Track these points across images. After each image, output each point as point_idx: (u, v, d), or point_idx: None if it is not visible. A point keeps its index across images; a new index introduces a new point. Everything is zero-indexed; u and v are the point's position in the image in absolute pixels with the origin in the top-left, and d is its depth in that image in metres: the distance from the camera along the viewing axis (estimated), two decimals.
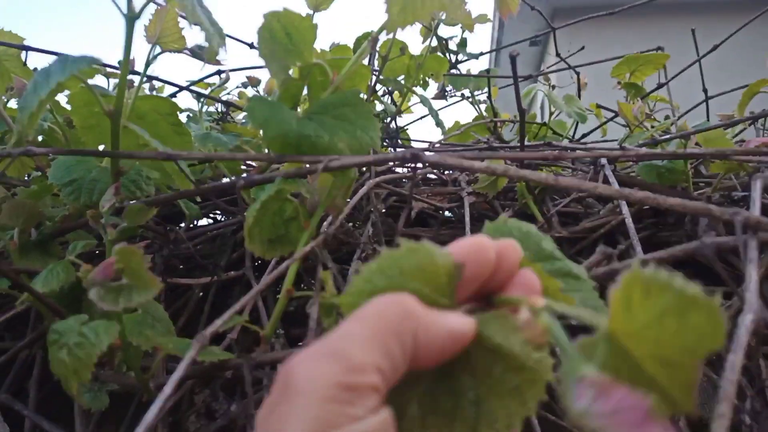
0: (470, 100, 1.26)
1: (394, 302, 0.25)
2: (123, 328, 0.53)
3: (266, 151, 0.56)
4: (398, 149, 1.24)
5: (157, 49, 0.66)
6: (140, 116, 0.67)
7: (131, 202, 0.59)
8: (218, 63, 0.69)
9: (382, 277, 0.28)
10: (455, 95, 1.27)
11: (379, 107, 1.03)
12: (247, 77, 1.23)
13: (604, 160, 0.78)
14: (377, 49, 0.96)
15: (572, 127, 1.45)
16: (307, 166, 0.50)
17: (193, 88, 0.89)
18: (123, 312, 0.52)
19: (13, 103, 0.87)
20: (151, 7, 0.60)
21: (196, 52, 0.69)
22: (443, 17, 0.94)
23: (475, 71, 1.35)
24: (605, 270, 0.48)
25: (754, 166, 0.74)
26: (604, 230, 0.80)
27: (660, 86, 1.15)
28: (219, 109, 1.01)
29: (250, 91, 1.25)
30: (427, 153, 0.44)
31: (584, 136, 1.41)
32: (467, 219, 0.81)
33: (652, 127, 0.82)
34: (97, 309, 0.56)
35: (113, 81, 0.92)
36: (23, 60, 0.78)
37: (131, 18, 0.53)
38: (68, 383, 0.46)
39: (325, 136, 0.51)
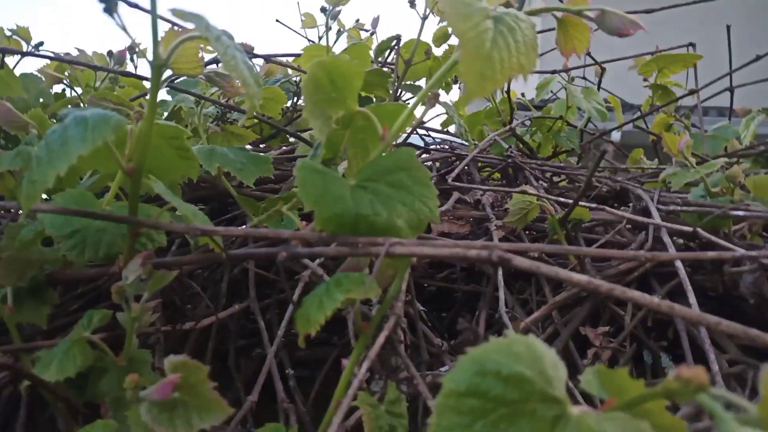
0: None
1: None
2: None
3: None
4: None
5: (169, 72, 0.61)
6: None
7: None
8: (237, 92, 0.65)
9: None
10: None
11: None
12: None
13: (648, 200, 0.77)
14: (399, 51, 0.91)
15: (586, 121, 1.44)
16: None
17: (193, 92, 0.83)
18: None
19: None
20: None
21: (214, 80, 0.63)
22: None
23: None
24: None
25: None
26: (638, 273, 0.80)
27: (691, 93, 1.14)
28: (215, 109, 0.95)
29: None
30: (517, 257, 0.42)
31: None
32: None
33: (698, 163, 0.81)
34: (107, 395, 0.53)
35: None
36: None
37: (158, 66, 0.48)
38: None
39: (383, 213, 0.48)
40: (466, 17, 0.46)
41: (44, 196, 0.69)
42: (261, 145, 1.24)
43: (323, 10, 0.91)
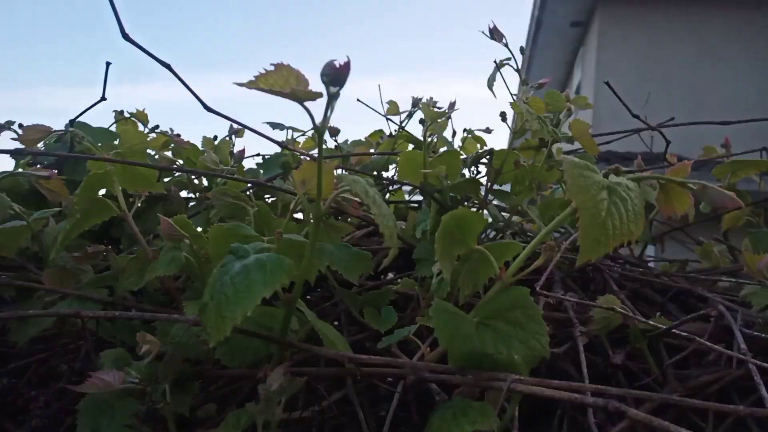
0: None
1: None
2: None
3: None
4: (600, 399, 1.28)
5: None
6: None
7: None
8: (358, 214, 0.74)
9: None
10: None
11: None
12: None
13: (732, 321, 0.83)
14: (491, 162, 1.01)
15: (656, 212, 1.49)
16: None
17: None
18: None
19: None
20: None
21: (343, 204, 0.74)
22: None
23: None
24: None
25: None
26: (717, 386, 0.85)
27: (765, 200, 1.19)
28: None
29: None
30: (631, 410, 0.49)
31: None
32: (584, 367, 0.86)
33: None
34: None
35: None
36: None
37: (319, 217, 0.58)
38: None
39: (504, 350, 0.56)
40: (585, 189, 0.54)
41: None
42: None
43: (422, 122, 1.02)
